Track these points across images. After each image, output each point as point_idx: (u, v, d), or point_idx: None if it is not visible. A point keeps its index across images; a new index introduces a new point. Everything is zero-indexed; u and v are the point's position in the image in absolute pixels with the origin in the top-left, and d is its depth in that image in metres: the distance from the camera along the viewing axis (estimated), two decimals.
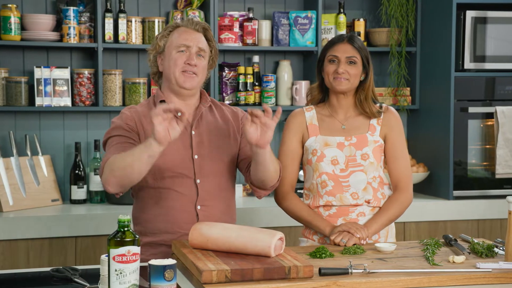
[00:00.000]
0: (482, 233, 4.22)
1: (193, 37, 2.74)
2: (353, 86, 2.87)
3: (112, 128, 2.72)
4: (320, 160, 2.84)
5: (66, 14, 4.03)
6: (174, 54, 2.72)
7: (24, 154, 4.05)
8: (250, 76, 4.33)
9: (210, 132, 2.78)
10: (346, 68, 2.84)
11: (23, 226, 3.67)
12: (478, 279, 2.24)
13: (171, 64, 2.72)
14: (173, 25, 2.79)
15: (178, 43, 2.72)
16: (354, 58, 2.85)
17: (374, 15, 4.63)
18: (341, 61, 2.85)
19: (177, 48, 2.72)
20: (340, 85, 2.85)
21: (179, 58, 2.71)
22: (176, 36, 2.74)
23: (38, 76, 4.03)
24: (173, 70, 2.71)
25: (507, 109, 4.22)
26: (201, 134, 2.76)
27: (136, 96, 4.15)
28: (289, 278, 2.16)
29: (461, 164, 4.27)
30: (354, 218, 2.83)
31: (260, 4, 4.50)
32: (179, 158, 2.71)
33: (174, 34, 2.76)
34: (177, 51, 2.72)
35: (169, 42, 2.75)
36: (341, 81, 2.85)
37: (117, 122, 2.73)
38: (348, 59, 2.85)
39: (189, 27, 2.76)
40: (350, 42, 2.86)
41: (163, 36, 2.78)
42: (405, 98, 4.49)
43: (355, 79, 2.86)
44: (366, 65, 2.88)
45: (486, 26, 4.23)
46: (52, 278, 2.38)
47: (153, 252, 2.68)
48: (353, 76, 2.85)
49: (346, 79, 2.84)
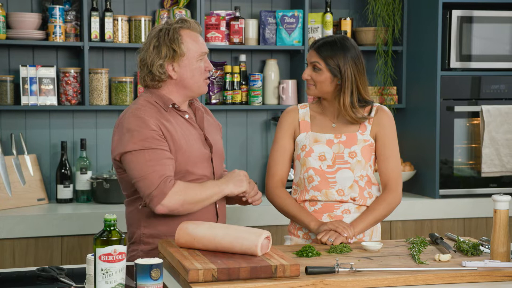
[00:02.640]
0: (468, 232, 4.24)
1: (202, 41, 2.76)
2: (322, 92, 2.87)
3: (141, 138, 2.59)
4: (308, 155, 2.86)
5: (52, 12, 4.02)
6: (196, 63, 2.71)
7: (9, 153, 4.04)
8: (237, 75, 4.33)
9: (212, 132, 2.83)
10: (311, 74, 2.87)
11: (9, 225, 3.65)
12: (464, 277, 2.25)
13: (195, 73, 2.71)
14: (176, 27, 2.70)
15: (200, 52, 2.71)
16: (317, 64, 2.85)
17: (360, 14, 4.64)
18: (308, 66, 2.89)
19: (198, 57, 2.71)
20: (307, 89, 2.92)
21: (201, 67, 2.73)
22: (193, 43, 2.70)
23: (24, 75, 4.02)
24: (197, 79, 2.72)
25: (493, 108, 4.24)
26: (210, 135, 2.80)
27: (122, 95, 4.14)
28: (276, 277, 2.16)
29: (447, 163, 4.29)
30: (339, 215, 2.85)
31: (247, 3, 4.50)
32: (202, 160, 2.73)
33: (185, 39, 2.69)
34: (198, 59, 2.71)
35: (187, 49, 2.68)
36: (308, 87, 2.91)
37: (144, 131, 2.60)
38: (312, 64, 2.87)
39: (194, 31, 2.74)
40: (316, 50, 2.86)
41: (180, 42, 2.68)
42: (391, 97, 4.50)
43: (321, 85, 2.86)
44: (337, 73, 2.83)
45: (472, 25, 4.25)
46: (38, 278, 2.38)
47: None
48: (318, 82, 2.86)
49: (312, 85, 2.89)
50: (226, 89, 4.31)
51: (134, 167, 2.59)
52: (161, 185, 2.56)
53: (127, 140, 2.60)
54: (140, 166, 2.58)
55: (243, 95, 4.36)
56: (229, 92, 4.31)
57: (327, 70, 2.84)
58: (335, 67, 2.83)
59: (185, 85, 2.72)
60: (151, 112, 2.66)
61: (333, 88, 2.86)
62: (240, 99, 4.34)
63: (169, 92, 2.73)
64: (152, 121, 2.62)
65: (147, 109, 2.67)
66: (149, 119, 2.62)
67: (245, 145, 4.49)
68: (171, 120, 2.69)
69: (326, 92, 2.87)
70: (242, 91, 4.36)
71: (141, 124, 2.61)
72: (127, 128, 2.61)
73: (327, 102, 2.92)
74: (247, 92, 4.37)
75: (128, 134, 2.60)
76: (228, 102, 4.30)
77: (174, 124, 2.69)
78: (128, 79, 4.17)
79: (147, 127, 2.60)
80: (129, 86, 4.16)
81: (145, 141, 2.59)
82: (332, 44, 2.85)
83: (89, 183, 4.10)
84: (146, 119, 2.62)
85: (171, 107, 2.71)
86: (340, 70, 2.82)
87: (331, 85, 2.85)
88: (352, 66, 2.83)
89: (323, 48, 2.85)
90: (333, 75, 2.84)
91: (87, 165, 4.12)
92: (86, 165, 4.12)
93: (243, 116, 4.50)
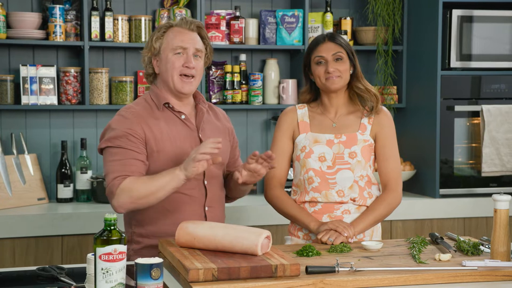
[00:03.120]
0: (468, 231, 4.24)
1: (188, 37, 2.70)
2: (346, 82, 2.89)
3: (113, 136, 2.64)
4: (308, 156, 2.85)
5: (52, 12, 4.02)
6: (170, 57, 2.68)
7: (10, 152, 4.04)
8: (237, 75, 4.33)
9: (213, 134, 2.79)
10: (335, 66, 2.86)
11: (9, 225, 3.65)
12: (464, 277, 2.25)
13: (168, 67, 2.68)
14: (166, 25, 2.73)
15: (174, 45, 2.68)
16: (340, 54, 2.86)
17: (360, 13, 4.64)
18: (329, 60, 2.86)
19: (173, 50, 2.68)
20: (333, 83, 2.86)
21: (176, 61, 2.68)
22: (172, 38, 2.69)
23: (24, 75, 4.02)
24: (170, 73, 2.68)
25: (493, 107, 4.24)
26: (207, 137, 2.74)
27: (122, 94, 4.14)
28: (276, 277, 2.16)
29: (447, 163, 4.29)
30: (339, 215, 2.84)
31: (247, 3, 4.50)
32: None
33: (168, 35, 2.70)
34: (173, 54, 2.68)
35: (165, 44, 2.69)
36: (333, 80, 2.86)
37: (119, 130, 2.64)
38: (335, 56, 2.86)
39: (183, 27, 2.71)
40: (331, 40, 2.88)
41: (157, 38, 2.71)
42: (391, 97, 4.50)
43: (346, 74, 2.88)
44: (352, 58, 2.90)
45: (472, 24, 4.25)
46: (38, 277, 2.38)
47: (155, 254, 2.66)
48: (343, 72, 2.87)
49: (338, 77, 2.86)
50: (226, 89, 4.31)
51: (104, 164, 2.67)
52: (110, 185, 2.60)
53: (104, 136, 2.68)
54: (106, 164, 2.65)
55: (243, 94, 4.36)
56: (229, 92, 4.31)
57: (347, 57, 2.88)
58: (351, 54, 2.89)
59: (164, 80, 2.72)
60: (139, 111, 2.69)
61: (349, 76, 2.91)
62: (240, 98, 4.34)
63: (161, 88, 2.75)
64: (133, 121, 2.65)
65: (137, 108, 2.71)
66: (130, 118, 2.65)
67: (245, 144, 4.48)
68: (160, 120, 2.69)
69: (347, 81, 2.90)
70: (242, 90, 4.35)
71: (119, 123, 2.66)
72: (108, 125, 2.70)
73: (332, 99, 2.90)
74: (247, 91, 4.37)
75: (106, 131, 2.68)
76: (228, 101, 4.30)
77: (163, 124, 2.69)
78: (128, 79, 4.17)
79: (122, 126, 2.64)
80: (129, 86, 4.16)
81: (116, 139, 2.63)
82: (337, 34, 2.93)
83: (89, 182, 4.10)
84: (127, 118, 2.66)
85: (166, 107, 2.72)
86: (353, 55, 2.90)
87: (349, 73, 2.90)
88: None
89: (337, 37, 2.89)
90: (351, 62, 2.89)
91: (87, 164, 4.12)
92: (86, 165, 4.12)
93: (243, 115, 4.50)
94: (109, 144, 2.64)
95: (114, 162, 2.61)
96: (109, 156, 2.64)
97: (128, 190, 2.55)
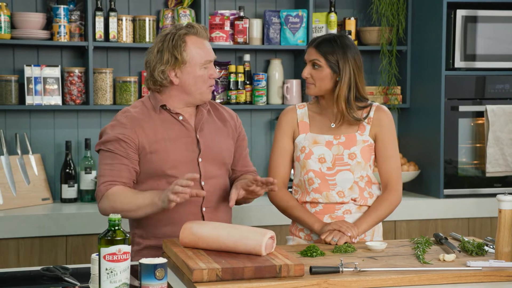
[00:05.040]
0: (473, 232, 4.24)
1: (209, 48, 2.72)
2: (321, 90, 2.85)
3: (106, 139, 2.67)
4: (308, 157, 2.85)
5: (57, 12, 4.02)
6: (199, 71, 2.69)
7: (14, 153, 4.04)
8: (241, 75, 4.33)
9: (212, 134, 2.78)
10: (310, 72, 2.84)
11: (14, 225, 3.66)
12: (468, 277, 2.25)
13: (198, 81, 2.69)
14: (182, 33, 2.68)
15: (204, 60, 2.69)
16: (317, 61, 2.82)
17: (365, 13, 4.64)
18: (307, 64, 2.87)
19: (202, 65, 2.69)
20: (307, 89, 2.89)
21: (205, 74, 2.70)
22: (198, 51, 2.68)
23: (29, 75, 4.02)
24: (200, 86, 2.70)
25: (498, 107, 4.24)
26: (205, 137, 2.75)
27: (127, 95, 4.15)
28: (280, 277, 2.16)
29: (451, 163, 4.29)
30: (340, 215, 2.84)
31: (251, 3, 4.50)
32: (184, 163, 2.71)
33: (190, 47, 2.67)
34: (202, 67, 2.69)
35: (190, 57, 2.66)
36: (308, 86, 2.88)
37: (112, 134, 2.67)
38: (311, 62, 2.84)
39: (201, 37, 2.71)
40: (315, 47, 2.84)
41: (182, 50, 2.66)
42: (395, 97, 4.50)
43: (321, 82, 2.83)
44: (337, 69, 2.81)
45: (477, 25, 4.24)
46: (43, 277, 2.38)
47: (156, 255, 2.66)
48: (318, 80, 2.83)
49: (311, 84, 2.85)
50: (230, 89, 4.31)
51: (98, 166, 2.72)
52: (98, 188, 2.66)
53: (100, 139, 2.73)
54: (99, 166, 2.71)
55: (247, 94, 4.36)
56: (233, 92, 4.31)
57: (327, 66, 2.82)
58: (335, 63, 2.81)
59: (188, 92, 2.71)
60: (134, 114, 2.70)
61: (332, 85, 2.83)
62: (244, 98, 4.34)
63: (169, 96, 2.73)
64: (127, 126, 2.67)
65: (133, 111, 2.72)
66: (125, 123, 2.68)
67: (250, 144, 4.48)
68: (156, 121, 2.70)
69: (326, 90, 2.85)
70: (246, 90, 4.36)
71: (113, 128, 2.70)
72: (104, 128, 2.74)
73: (325, 102, 2.89)
74: (251, 91, 4.38)
75: (102, 133, 2.73)
76: (232, 101, 4.30)
77: (158, 125, 2.70)
78: (132, 79, 4.17)
79: (115, 131, 2.67)
80: (133, 86, 4.17)
81: (108, 143, 2.67)
82: (331, 40, 2.84)
83: (93, 182, 4.10)
84: (120, 122, 2.69)
85: (164, 109, 2.73)
86: (339, 66, 2.81)
87: (331, 82, 2.83)
88: (351, 61, 2.81)
89: (322, 44, 2.83)
90: (333, 71, 2.82)
91: (91, 164, 4.13)
92: (91, 165, 4.13)
93: (247, 115, 4.50)
94: (102, 147, 2.70)
95: (104, 166, 2.67)
96: (101, 159, 2.70)
97: (111, 200, 2.60)
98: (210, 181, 2.75)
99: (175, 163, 2.68)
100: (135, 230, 2.76)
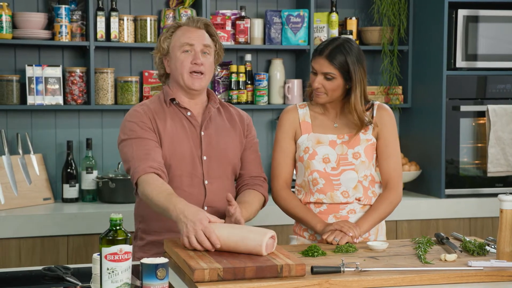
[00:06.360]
0: (474, 232, 4.24)
1: (196, 35, 2.72)
2: (332, 98, 2.83)
3: (129, 128, 2.69)
4: (312, 158, 2.85)
5: (58, 12, 4.02)
6: (179, 55, 2.70)
7: (15, 152, 4.04)
8: (242, 75, 4.33)
9: (218, 133, 2.78)
10: (322, 83, 2.79)
11: (15, 225, 3.66)
12: (470, 277, 2.25)
13: (177, 65, 2.71)
14: (174, 25, 2.77)
15: (182, 42, 2.70)
16: (331, 75, 2.77)
17: (366, 13, 4.64)
18: (318, 75, 2.81)
19: (181, 48, 2.70)
20: (317, 98, 2.83)
21: (185, 59, 2.70)
22: (179, 36, 2.72)
23: (30, 75, 4.02)
24: (180, 71, 2.71)
25: (499, 107, 4.24)
26: (210, 135, 2.76)
27: (128, 94, 4.15)
28: (281, 277, 2.16)
29: (453, 163, 4.28)
30: (345, 215, 2.84)
31: (253, 3, 4.50)
32: (188, 158, 2.71)
33: (176, 34, 2.74)
34: (181, 52, 2.70)
35: (173, 43, 2.73)
36: (318, 95, 2.82)
37: (133, 122, 2.69)
38: (325, 75, 2.79)
39: (190, 26, 2.74)
40: (328, 58, 2.77)
41: (166, 38, 2.76)
42: (397, 97, 4.49)
43: (333, 92, 2.80)
44: (348, 78, 2.78)
45: (478, 24, 4.24)
46: (44, 277, 2.38)
47: (157, 251, 2.67)
48: (330, 90, 2.79)
49: (323, 93, 2.81)
50: (232, 89, 4.31)
51: (124, 155, 2.69)
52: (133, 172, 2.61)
53: (120, 131, 2.73)
54: (128, 154, 2.66)
55: (249, 94, 4.36)
56: (235, 92, 4.31)
57: (341, 77, 2.78)
58: (347, 72, 2.78)
59: (176, 79, 2.75)
60: (150, 106, 2.75)
61: (342, 92, 2.83)
62: (246, 98, 4.34)
63: (172, 86, 2.79)
64: (144, 114, 2.71)
65: (149, 103, 2.77)
66: (142, 112, 2.72)
67: None
68: (167, 116, 2.73)
69: (336, 97, 2.83)
70: (248, 90, 4.36)
71: (133, 116, 2.72)
72: (123, 121, 2.75)
73: (329, 104, 2.89)
74: (252, 91, 4.38)
75: (122, 126, 2.74)
76: (233, 101, 4.30)
77: (168, 120, 2.73)
78: (133, 79, 4.17)
79: (137, 118, 2.70)
80: (134, 86, 4.17)
81: (133, 131, 2.68)
82: (341, 49, 2.77)
83: (94, 182, 4.10)
84: (138, 111, 2.72)
85: (173, 103, 2.75)
86: (351, 75, 2.78)
87: (342, 90, 2.82)
88: (360, 68, 2.79)
89: (333, 55, 2.76)
90: (345, 80, 2.79)
91: (92, 164, 4.13)
92: (92, 165, 4.13)
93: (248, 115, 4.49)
94: (127, 136, 2.68)
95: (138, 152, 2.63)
96: (129, 147, 2.66)
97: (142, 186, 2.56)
98: (215, 181, 2.74)
99: (180, 158, 2.69)
100: (139, 225, 2.78)
